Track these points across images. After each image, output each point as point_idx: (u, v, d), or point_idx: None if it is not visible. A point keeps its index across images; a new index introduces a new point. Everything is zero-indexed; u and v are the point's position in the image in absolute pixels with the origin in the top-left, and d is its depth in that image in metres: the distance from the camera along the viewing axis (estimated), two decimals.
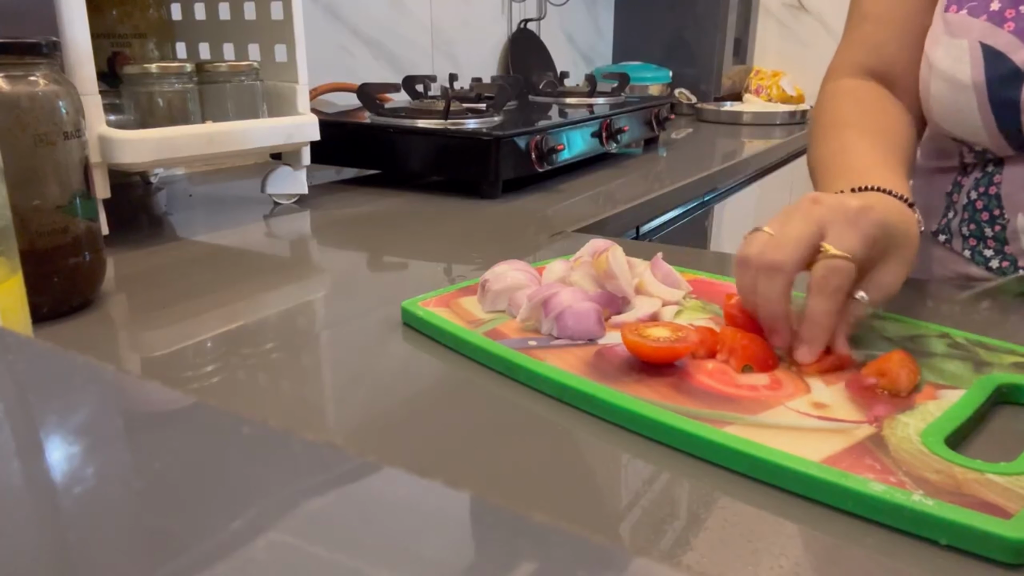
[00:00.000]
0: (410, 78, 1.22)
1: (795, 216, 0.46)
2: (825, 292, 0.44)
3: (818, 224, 0.45)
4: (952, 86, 0.63)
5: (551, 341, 0.48)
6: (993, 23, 0.61)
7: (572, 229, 0.82)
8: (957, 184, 0.70)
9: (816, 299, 0.44)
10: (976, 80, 0.61)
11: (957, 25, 0.63)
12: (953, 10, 0.63)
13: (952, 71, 0.63)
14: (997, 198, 0.66)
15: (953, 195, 0.71)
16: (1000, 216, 0.66)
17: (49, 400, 0.25)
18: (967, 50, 0.61)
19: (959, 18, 0.63)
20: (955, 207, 0.70)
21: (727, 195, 1.45)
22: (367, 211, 0.91)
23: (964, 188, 0.69)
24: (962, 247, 0.70)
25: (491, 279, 0.53)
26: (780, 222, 0.47)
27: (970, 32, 0.62)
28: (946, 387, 0.42)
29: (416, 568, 0.17)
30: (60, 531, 0.18)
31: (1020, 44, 0.59)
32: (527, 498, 0.35)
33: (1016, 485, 0.33)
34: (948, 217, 0.72)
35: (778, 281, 0.44)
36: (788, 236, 0.45)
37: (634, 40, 2.18)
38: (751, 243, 0.46)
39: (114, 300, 0.60)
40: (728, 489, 0.35)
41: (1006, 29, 0.60)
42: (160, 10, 0.96)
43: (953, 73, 0.63)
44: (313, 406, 0.45)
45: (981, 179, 0.67)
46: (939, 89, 0.65)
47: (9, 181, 0.40)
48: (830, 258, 0.44)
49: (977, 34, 0.61)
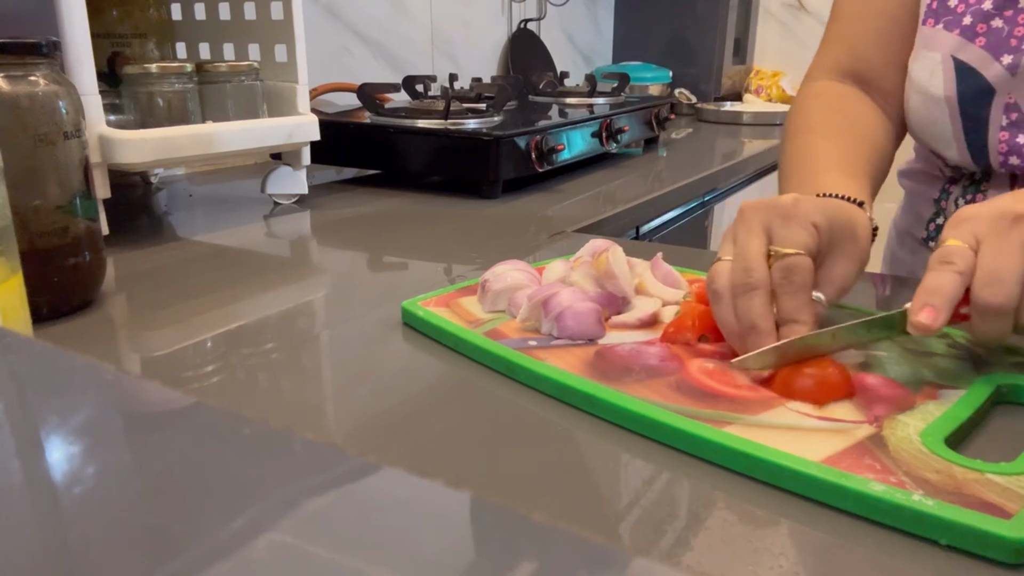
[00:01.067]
0: (410, 78, 1.22)
1: (739, 232, 0.46)
2: (790, 291, 0.44)
3: (762, 230, 0.45)
4: (926, 99, 0.63)
5: (551, 341, 0.48)
6: (965, 38, 0.60)
7: (572, 229, 0.82)
8: (946, 191, 0.70)
9: (784, 300, 0.44)
10: (948, 94, 0.61)
11: (931, 39, 0.63)
12: (929, 23, 0.63)
13: (926, 84, 0.63)
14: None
15: (941, 201, 0.71)
16: None
17: (49, 400, 0.25)
18: (940, 63, 0.61)
19: (934, 31, 0.63)
20: (944, 213, 0.70)
21: (727, 195, 1.45)
22: (367, 211, 0.91)
23: (952, 195, 0.69)
24: None
25: (491, 279, 0.53)
26: (729, 244, 0.47)
27: (943, 46, 0.61)
28: (946, 387, 0.42)
29: (416, 568, 0.17)
30: (60, 531, 0.18)
31: (991, 60, 0.59)
32: (527, 498, 0.35)
33: (1016, 485, 0.33)
34: (937, 223, 0.72)
35: (755, 300, 0.44)
36: (745, 254, 0.45)
37: (634, 40, 2.18)
38: (716, 276, 0.46)
39: (114, 300, 0.60)
40: (728, 489, 0.35)
41: (977, 44, 0.60)
42: (160, 10, 0.96)
43: (927, 87, 0.63)
44: (313, 406, 0.45)
45: (969, 187, 0.67)
46: (915, 102, 0.65)
47: (9, 181, 0.40)
48: (783, 258, 0.44)
49: (949, 48, 0.61)
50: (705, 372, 0.44)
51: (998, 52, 0.59)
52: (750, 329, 0.44)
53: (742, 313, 0.44)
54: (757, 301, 0.44)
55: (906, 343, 0.48)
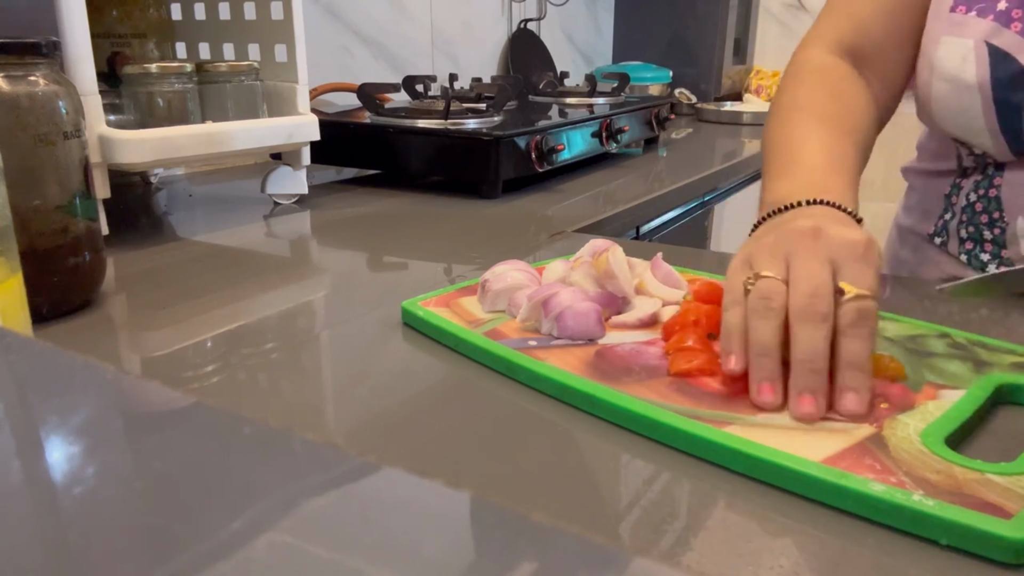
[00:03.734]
0: (410, 78, 1.22)
1: (802, 254, 0.43)
2: (862, 336, 0.40)
3: (831, 262, 0.42)
4: (955, 87, 0.63)
5: (551, 341, 0.48)
6: (999, 23, 0.60)
7: (572, 229, 0.82)
8: (956, 186, 0.70)
9: (854, 343, 0.40)
10: (981, 80, 0.61)
11: (962, 25, 0.62)
12: (961, 10, 0.63)
13: (956, 71, 0.62)
14: (997, 201, 0.66)
15: (952, 197, 0.71)
16: (1000, 219, 0.66)
17: (49, 400, 0.25)
18: (972, 50, 0.61)
19: (965, 18, 0.62)
20: (953, 209, 0.70)
21: (727, 195, 1.45)
22: (367, 211, 0.91)
23: (963, 190, 0.69)
24: (958, 250, 0.70)
25: (491, 279, 0.53)
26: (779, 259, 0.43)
27: (976, 32, 0.61)
28: (946, 387, 0.42)
29: (416, 568, 0.17)
30: (60, 531, 0.18)
31: None
32: (527, 498, 0.35)
33: (1016, 485, 0.33)
34: (945, 219, 0.72)
35: (821, 332, 0.40)
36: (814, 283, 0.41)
37: (634, 40, 2.18)
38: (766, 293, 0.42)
39: (114, 300, 0.60)
40: (728, 489, 0.35)
41: (1012, 29, 0.60)
42: (160, 10, 0.96)
43: (957, 73, 0.62)
44: (313, 406, 0.45)
45: (981, 181, 0.67)
46: (941, 90, 0.64)
47: (9, 181, 0.40)
48: (856, 300, 0.40)
49: (983, 34, 0.61)
50: (705, 372, 0.44)
51: None
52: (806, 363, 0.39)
53: (802, 342, 0.40)
54: (822, 335, 0.40)
55: (906, 343, 0.48)
